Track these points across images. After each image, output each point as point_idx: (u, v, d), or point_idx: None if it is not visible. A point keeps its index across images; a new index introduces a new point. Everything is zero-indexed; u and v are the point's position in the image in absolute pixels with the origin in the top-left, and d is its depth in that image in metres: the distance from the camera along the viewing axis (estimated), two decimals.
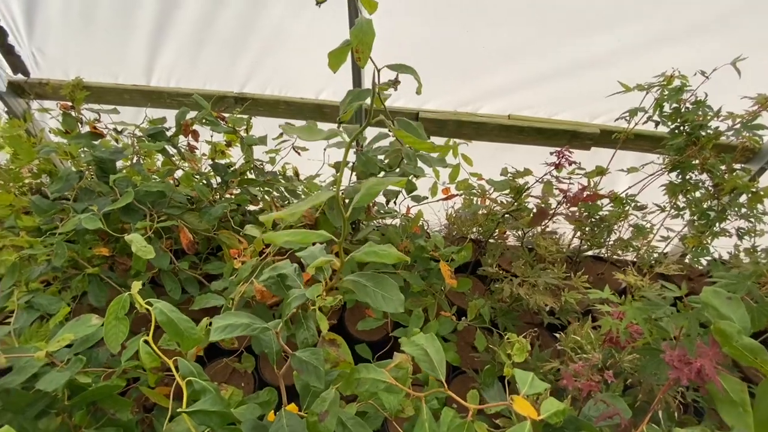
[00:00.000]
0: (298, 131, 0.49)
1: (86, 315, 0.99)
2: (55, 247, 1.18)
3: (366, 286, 0.54)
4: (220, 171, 1.67)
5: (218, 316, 0.63)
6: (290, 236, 0.49)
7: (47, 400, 0.90)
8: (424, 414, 0.58)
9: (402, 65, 0.91)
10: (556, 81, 1.74)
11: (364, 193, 0.45)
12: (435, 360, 0.58)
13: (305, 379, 0.61)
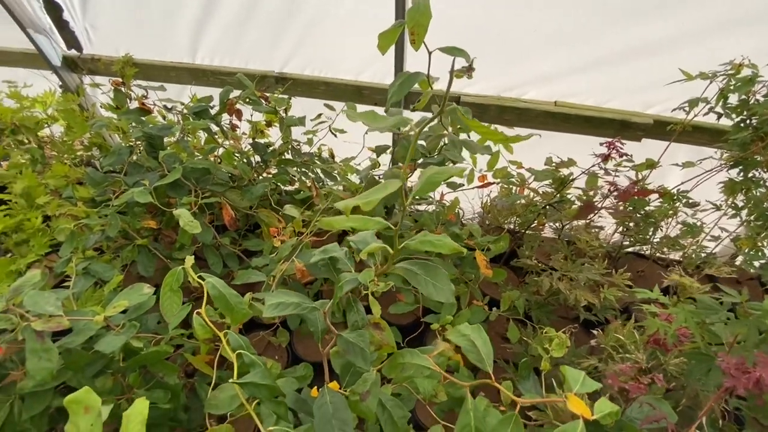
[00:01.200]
0: (362, 117, 0.48)
1: (138, 284, 1.05)
2: (109, 218, 1.25)
3: (417, 275, 0.54)
4: (260, 150, 1.70)
5: (270, 293, 0.65)
6: (351, 222, 0.50)
7: (104, 361, 0.97)
8: (469, 403, 0.58)
9: (454, 48, 0.88)
10: (608, 68, 1.64)
11: (425, 182, 0.45)
12: (483, 352, 0.57)
13: (352, 360, 0.62)
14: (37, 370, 0.80)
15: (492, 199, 1.83)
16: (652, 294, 0.89)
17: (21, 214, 1.48)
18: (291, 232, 1.32)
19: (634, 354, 0.90)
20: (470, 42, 1.15)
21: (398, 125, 0.47)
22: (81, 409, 0.43)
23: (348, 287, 0.56)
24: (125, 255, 1.34)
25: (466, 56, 0.87)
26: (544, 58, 1.64)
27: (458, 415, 0.58)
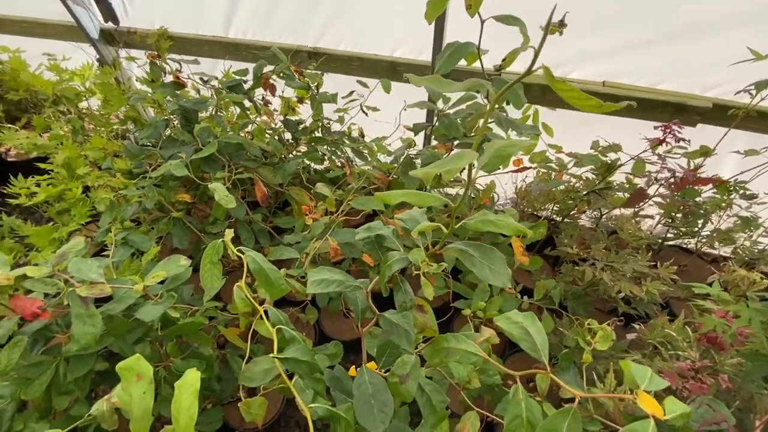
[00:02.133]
0: (427, 81, 0.44)
1: (175, 255, 1.06)
2: (147, 190, 1.26)
3: (473, 256, 0.50)
4: (291, 128, 1.68)
5: (314, 269, 0.63)
6: (407, 197, 0.47)
7: (143, 329, 0.99)
8: (520, 393, 0.55)
9: (510, 16, 0.82)
10: (664, 46, 1.52)
11: (493, 155, 0.41)
12: (537, 341, 0.54)
13: (396, 341, 0.60)
14: (81, 335, 0.82)
15: (528, 185, 1.76)
16: (711, 290, 0.82)
17: (63, 183, 1.52)
18: (323, 210, 1.30)
19: (685, 352, 0.85)
20: (513, 13, 1.08)
21: (472, 88, 0.43)
22: (133, 376, 0.42)
23: (397, 266, 0.53)
24: (161, 227, 1.36)
25: (521, 25, 0.81)
26: (592, 34, 1.53)
27: (506, 406, 0.56)
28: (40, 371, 0.89)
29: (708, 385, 0.68)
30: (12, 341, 0.87)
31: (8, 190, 1.49)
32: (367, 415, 0.62)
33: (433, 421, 0.70)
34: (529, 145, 0.43)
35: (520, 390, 0.55)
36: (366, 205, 1.17)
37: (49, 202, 1.54)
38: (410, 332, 0.59)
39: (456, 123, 1.08)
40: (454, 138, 1.11)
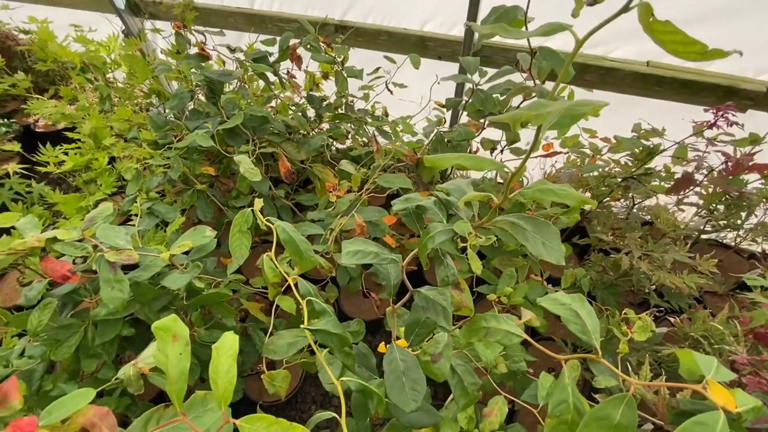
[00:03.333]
0: (494, 28, 0.40)
1: (201, 226, 1.05)
2: (172, 161, 1.25)
3: (525, 230, 0.46)
4: (315, 103, 1.64)
5: (348, 240, 0.60)
6: (462, 159, 0.43)
7: (169, 298, 0.99)
8: (566, 378, 0.52)
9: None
10: (715, 23, 1.41)
11: (563, 115, 0.36)
12: (588, 324, 0.50)
13: (433, 318, 0.57)
14: (110, 299, 0.82)
15: (557, 170, 1.69)
16: (766, 282, 0.77)
17: (89, 153, 1.53)
18: (347, 187, 1.27)
19: (731, 346, 0.80)
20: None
21: (549, 33, 0.38)
22: (169, 336, 0.41)
23: (441, 239, 0.50)
24: (185, 200, 1.35)
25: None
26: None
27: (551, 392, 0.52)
28: (69, 334, 0.91)
29: (767, 380, 0.64)
30: (42, 303, 0.88)
31: (38, 158, 1.51)
32: (398, 391, 0.60)
33: (464, 402, 0.68)
34: (599, 105, 0.38)
35: (566, 375, 0.52)
36: (392, 183, 1.13)
37: (77, 172, 1.55)
38: (448, 309, 0.56)
39: (492, 98, 1.03)
40: (490, 113, 1.06)
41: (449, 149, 1.12)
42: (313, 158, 1.60)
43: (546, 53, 0.84)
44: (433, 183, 1.38)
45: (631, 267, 1.10)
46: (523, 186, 1.37)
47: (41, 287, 0.91)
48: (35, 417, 0.38)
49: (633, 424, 0.46)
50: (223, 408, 0.39)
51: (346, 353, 0.64)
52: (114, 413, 0.48)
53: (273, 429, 0.36)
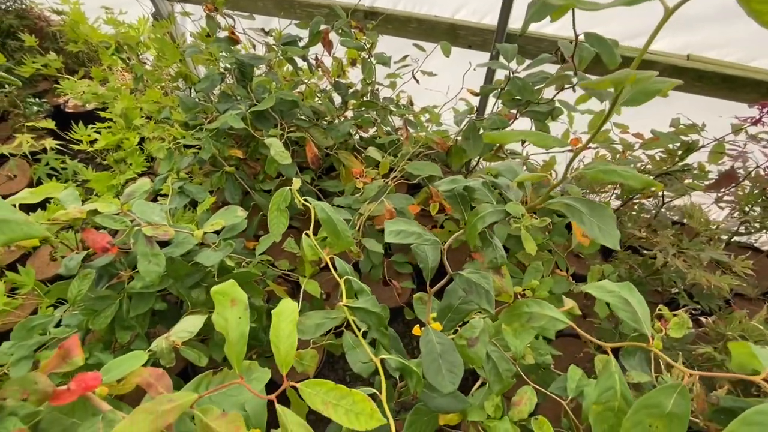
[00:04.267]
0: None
1: (233, 206, 1.06)
2: (203, 142, 1.27)
3: (582, 212, 0.46)
4: (342, 90, 1.64)
5: (389, 221, 0.60)
6: (526, 135, 0.42)
7: (201, 274, 1.00)
8: (612, 365, 0.51)
9: None
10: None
11: (638, 90, 0.35)
12: (639, 312, 0.49)
13: (475, 301, 0.57)
14: (146, 272, 0.84)
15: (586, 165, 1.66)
16: None
17: (120, 133, 1.56)
18: (375, 174, 1.27)
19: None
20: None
21: (634, 2, 0.37)
22: (227, 301, 0.41)
23: (491, 219, 0.49)
24: (214, 181, 1.37)
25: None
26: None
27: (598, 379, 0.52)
28: (106, 305, 0.93)
29: None
30: (81, 273, 0.90)
31: (71, 136, 1.54)
32: (435, 372, 0.60)
33: (499, 388, 0.67)
34: (672, 84, 0.37)
35: (612, 362, 0.51)
36: (422, 170, 1.13)
37: (108, 151, 1.58)
38: (491, 293, 0.56)
39: (530, 86, 1.01)
40: (527, 102, 1.04)
41: (480, 138, 1.11)
42: (338, 145, 1.60)
43: (593, 39, 0.82)
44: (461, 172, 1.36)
45: (664, 265, 1.08)
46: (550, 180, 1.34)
47: (80, 258, 0.94)
48: (98, 372, 0.39)
49: (686, 414, 0.45)
50: (285, 371, 0.40)
51: (383, 333, 0.64)
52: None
53: (332, 394, 0.36)
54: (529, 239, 0.53)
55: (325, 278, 1.54)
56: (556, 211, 1.01)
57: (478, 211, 0.51)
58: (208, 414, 0.39)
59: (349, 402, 0.35)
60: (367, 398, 0.35)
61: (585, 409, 0.79)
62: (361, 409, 0.34)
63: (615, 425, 0.49)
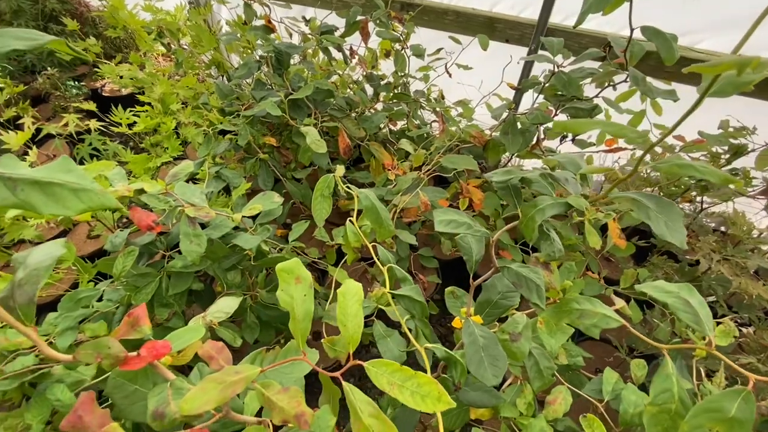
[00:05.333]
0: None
1: (270, 192, 1.07)
2: (240, 129, 1.28)
3: (648, 208, 0.44)
4: (374, 81, 1.63)
5: (439, 210, 0.60)
6: (603, 125, 0.41)
7: (239, 257, 1.02)
8: (669, 367, 0.50)
9: None
10: None
11: (726, 82, 0.34)
12: (701, 314, 0.48)
13: (525, 295, 0.56)
14: (188, 252, 0.86)
15: (621, 167, 1.62)
16: None
17: (158, 117, 1.59)
18: (408, 166, 1.26)
19: None
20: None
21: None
22: (292, 278, 0.42)
23: (551, 212, 0.49)
24: (248, 168, 1.39)
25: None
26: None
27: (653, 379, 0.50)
28: (146, 282, 0.96)
29: None
30: (126, 250, 0.93)
31: (113, 118, 1.59)
32: (477, 364, 0.59)
33: (539, 384, 0.67)
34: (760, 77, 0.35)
35: (669, 364, 0.49)
36: (457, 164, 1.12)
37: (144, 134, 1.63)
38: (542, 287, 0.55)
39: (576, 81, 0.98)
40: (573, 97, 1.01)
41: (519, 133, 1.09)
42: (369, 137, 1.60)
43: (651, 33, 0.79)
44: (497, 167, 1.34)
45: (706, 271, 1.04)
46: (586, 180, 1.30)
47: (125, 235, 0.97)
48: (168, 341, 0.40)
49: (750, 420, 0.43)
50: (351, 349, 0.40)
51: (425, 322, 0.64)
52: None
53: (397, 375, 0.36)
54: (593, 233, 0.52)
55: (351, 268, 1.55)
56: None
57: (536, 203, 0.50)
58: (269, 388, 0.40)
59: (414, 384, 0.35)
60: (434, 381, 0.35)
61: (622, 413, 0.78)
62: (427, 391, 0.34)
63: (670, 428, 0.48)
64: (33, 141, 1.72)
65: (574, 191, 0.51)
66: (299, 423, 0.37)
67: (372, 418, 0.34)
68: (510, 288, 0.73)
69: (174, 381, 0.39)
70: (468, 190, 1.31)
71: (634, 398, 0.78)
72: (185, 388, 0.38)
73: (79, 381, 0.84)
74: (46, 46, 0.45)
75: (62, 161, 0.40)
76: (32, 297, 0.39)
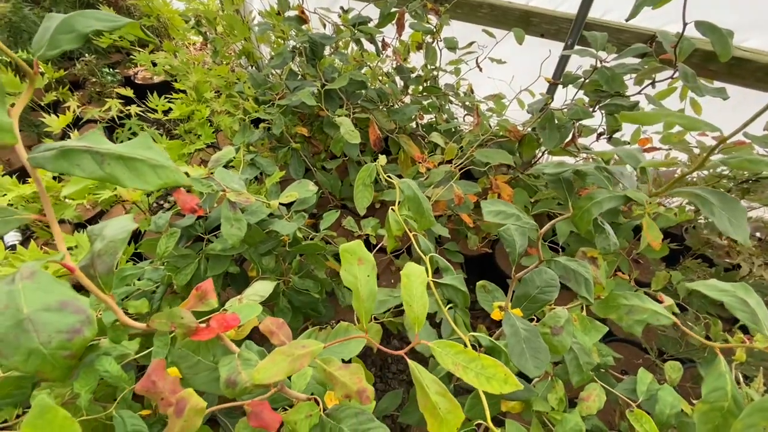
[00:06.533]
0: None
1: (305, 180, 1.09)
2: (275, 118, 1.30)
3: (712, 204, 0.44)
4: (405, 74, 1.63)
5: (488, 201, 0.60)
6: (675, 117, 0.41)
7: (274, 243, 1.05)
8: (722, 365, 0.49)
9: None
10: None
11: None
12: (759, 313, 0.47)
13: (573, 288, 0.56)
14: (229, 235, 0.88)
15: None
16: None
17: (193, 105, 1.63)
18: (439, 159, 1.27)
19: None
20: None
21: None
22: (354, 259, 0.43)
23: (609, 205, 0.48)
24: (280, 157, 1.41)
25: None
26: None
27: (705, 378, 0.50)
28: (186, 263, 0.99)
29: None
30: (169, 231, 0.96)
31: (149, 104, 1.63)
32: (519, 355, 0.60)
33: (578, 379, 0.67)
34: None
35: (723, 362, 0.49)
36: (492, 158, 1.11)
37: (180, 121, 1.66)
38: (590, 280, 0.55)
39: (620, 77, 0.97)
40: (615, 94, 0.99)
41: (556, 129, 1.07)
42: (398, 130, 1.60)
43: (706, 28, 0.77)
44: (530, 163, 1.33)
45: (747, 275, 1.02)
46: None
47: (168, 217, 1.00)
48: (237, 314, 0.41)
49: None
50: (417, 329, 0.41)
51: (466, 312, 0.65)
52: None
53: (461, 357, 0.37)
54: (653, 227, 0.52)
55: (377, 260, 1.57)
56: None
57: (592, 195, 0.50)
58: (330, 364, 0.41)
59: (478, 365, 0.36)
60: (499, 363, 0.36)
61: (658, 413, 0.77)
62: (492, 373, 0.35)
63: (721, 426, 0.48)
64: (73, 125, 1.78)
65: (630, 186, 0.50)
66: (361, 398, 0.38)
67: (438, 395, 0.35)
68: (548, 283, 0.73)
69: (241, 353, 0.41)
70: (497, 185, 1.31)
71: (671, 399, 0.77)
72: (253, 360, 0.40)
73: (124, 354, 0.87)
74: (120, 29, 0.47)
75: (142, 139, 0.42)
76: (111, 267, 0.42)
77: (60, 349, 0.30)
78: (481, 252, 1.63)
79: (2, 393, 0.76)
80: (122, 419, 0.76)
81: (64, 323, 0.30)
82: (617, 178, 0.51)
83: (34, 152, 0.39)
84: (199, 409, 0.35)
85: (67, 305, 0.31)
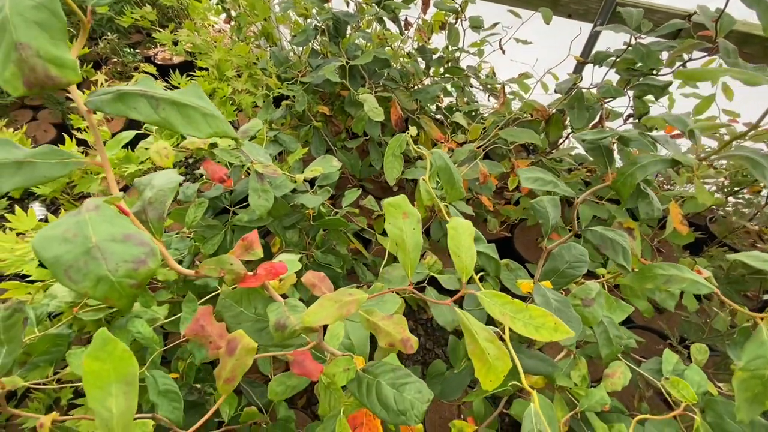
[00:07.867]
0: None
1: (328, 156, 1.10)
2: (298, 95, 1.30)
3: (764, 166, 0.43)
4: (427, 54, 1.61)
5: (524, 169, 0.59)
6: (734, 73, 0.39)
7: (299, 216, 1.06)
8: (764, 334, 0.49)
9: None
10: None
11: None
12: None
13: (611, 257, 0.56)
14: (257, 206, 0.90)
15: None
16: None
17: (214, 83, 1.64)
18: (462, 139, 1.26)
19: None
20: None
21: None
22: (399, 213, 0.43)
23: (654, 169, 0.48)
24: (302, 135, 1.41)
25: None
26: None
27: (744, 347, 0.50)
28: (213, 233, 1.00)
29: None
30: (197, 201, 0.97)
31: (172, 82, 1.64)
32: None
33: (608, 352, 0.66)
34: None
35: (765, 331, 0.48)
36: (518, 137, 1.10)
37: None
38: (627, 249, 0.54)
39: (656, 54, 0.94)
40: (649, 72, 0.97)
41: (585, 109, 1.06)
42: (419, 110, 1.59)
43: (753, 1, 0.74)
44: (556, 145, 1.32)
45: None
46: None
47: (196, 187, 1.01)
48: (284, 262, 0.42)
49: None
50: (465, 279, 0.41)
51: (497, 281, 0.65)
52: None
53: (509, 307, 0.37)
54: (703, 190, 0.51)
55: None
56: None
57: (636, 160, 0.49)
58: (373, 314, 0.42)
59: (526, 316, 0.36)
60: (548, 313, 0.36)
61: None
62: (541, 323, 0.35)
63: (761, 394, 0.47)
64: None
65: (675, 152, 0.49)
66: (405, 346, 0.39)
67: (488, 342, 0.35)
68: (578, 258, 0.73)
69: (288, 300, 0.42)
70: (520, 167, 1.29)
71: (698, 378, 0.77)
72: (299, 306, 0.41)
73: (155, 318, 0.90)
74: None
75: (193, 88, 0.43)
76: (162, 214, 0.42)
77: (127, 277, 0.31)
78: (500, 236, 1.63)
79: (39, 350, 0.78)
80: (154, 379, 0.78)
81: (129, 254, 0.31)
82: (661, 144, 0.50)
83: (92, 96, 0.39)
84: (250, 348, 0.36)
85: (130, 237, 0.32)
